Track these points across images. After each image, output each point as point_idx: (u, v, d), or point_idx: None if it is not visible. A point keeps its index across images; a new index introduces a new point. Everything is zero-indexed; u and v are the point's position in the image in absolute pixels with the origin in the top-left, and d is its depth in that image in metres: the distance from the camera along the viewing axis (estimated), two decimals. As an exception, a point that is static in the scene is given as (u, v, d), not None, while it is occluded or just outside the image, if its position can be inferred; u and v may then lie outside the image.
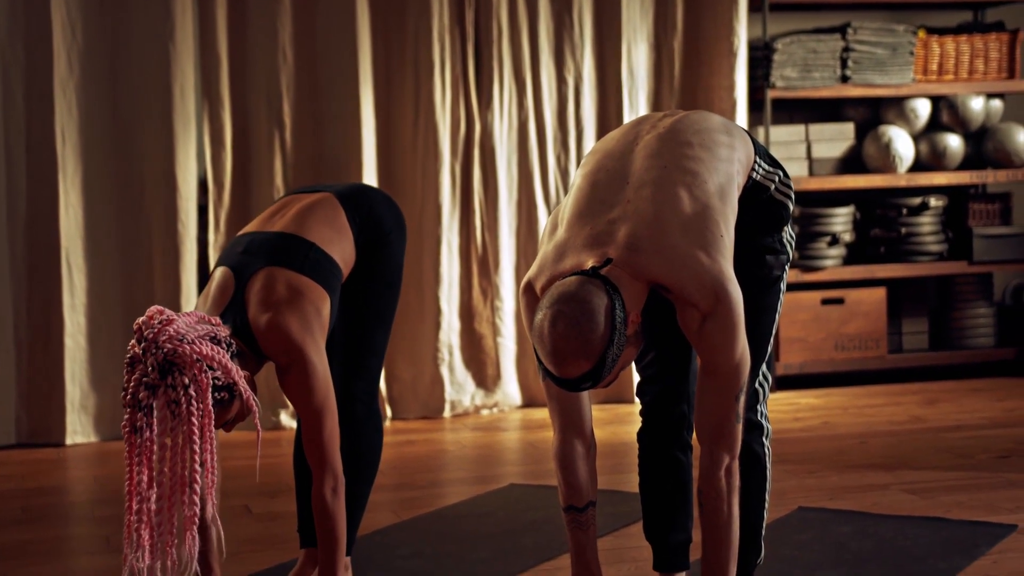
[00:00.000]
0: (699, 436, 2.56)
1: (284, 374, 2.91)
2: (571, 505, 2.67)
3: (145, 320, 2.72)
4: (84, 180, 5.19)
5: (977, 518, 3.70)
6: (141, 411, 2.67)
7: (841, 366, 5.80)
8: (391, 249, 3.20)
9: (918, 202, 5.86)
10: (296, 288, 2.93)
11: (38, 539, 3.85)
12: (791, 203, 2.75)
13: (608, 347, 2.40)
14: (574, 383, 2.43)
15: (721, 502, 2.54)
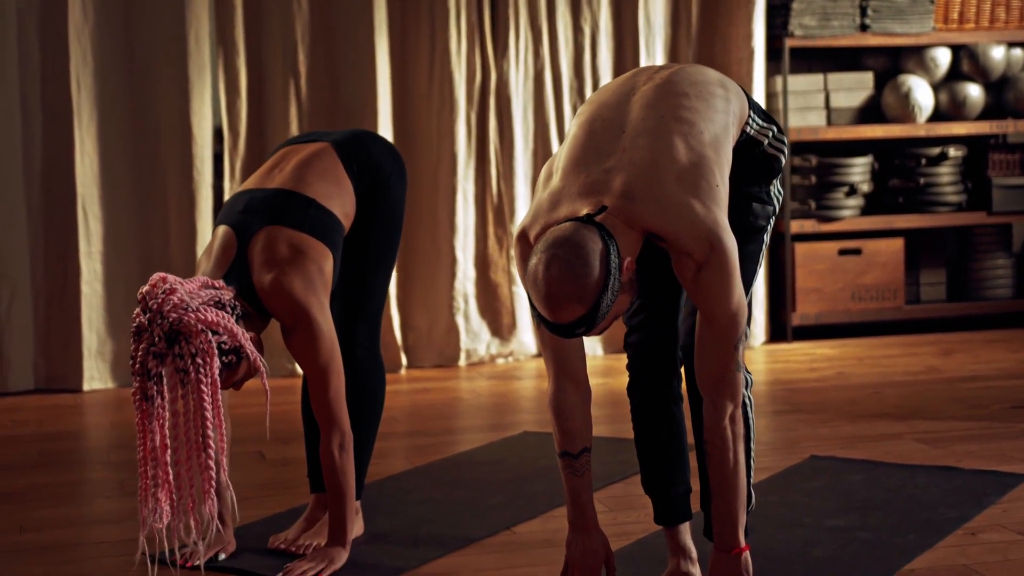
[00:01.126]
0: (701, 387, 2.56)
1: (289, 334, 2.93)
2: (566, 451, 2.69)
3: (149, 289, 2.75)
4: (99, 128, 5.20)
5: (988, 467, 3.70)
6: (151, 380, 2.71)
7: (857, 317, 5.79)
8: (391, 193, 3.20)
9: (937, 152, 5.82)
10: (298, 247, 2.94)
11: (55, 483, 3.88)
12: (783, 157, 2.75)
13: (603, 292, 2.39)
14: (567, 328, 2.41)
15: (727, 451, 2.55)
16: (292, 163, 3.11)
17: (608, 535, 3.07)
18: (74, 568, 3.11)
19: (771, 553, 3.03)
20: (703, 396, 2.56)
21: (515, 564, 3.06)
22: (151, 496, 2.73)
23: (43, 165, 5.19)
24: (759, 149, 2.71)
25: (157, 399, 2.71)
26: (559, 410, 2.67)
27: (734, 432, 2.54)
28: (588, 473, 2.71)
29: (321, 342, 2.92)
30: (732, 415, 2.54)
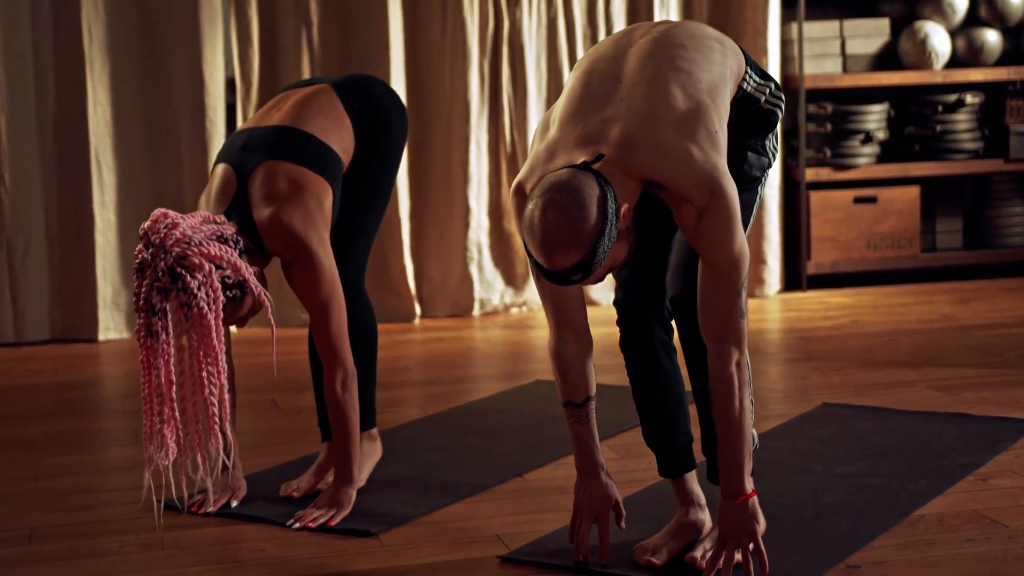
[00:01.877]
0: (705, 335, 2.55)
1: (289, 269, 2.94)
2: (569, 401, 2.69)
3: (151, 225, 2.74)
4: (112, 78, 5.19)
5: (1001, 414, 3.69)
6: (155, 315, 2.71)
7: (873, 265, 5.76)
8: (392, 131, 3.19)
9: (954, 99, 5.77)
10: (297, 181, 2.94)
11: (69, 430, 3.90)
12: (780, 111, 2.74)
13: (600, 238, 2.38)
14: (563, 275, 2.40)
15: (732, 397, 2.54)
16: (290, 102, 3.11)
17: (618, 482, 3.08)
18: (87, 515, 3.14)
19: (781, 500, 3.03)
20: (707, 344, 2.56)
21: (525, 511, 3.07)
22: (156, 433, 2.74)
23: (56, 116, 5.19)
24: (756, 106, 2.70)
25: (162, 335, 2.71)
26: (560, 361, 2.68)
27: (740, 379, 2.54)
28: (592, 421, 2.71)
29: (321, 276, 2.91)
30: (738, 362, 2.54)
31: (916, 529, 2.83)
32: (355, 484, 3.05)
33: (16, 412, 4.17)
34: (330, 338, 2.97)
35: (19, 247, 5.18)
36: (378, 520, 3.00)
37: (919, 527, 2.85)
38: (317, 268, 2.91)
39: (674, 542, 2.74)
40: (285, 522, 3.01)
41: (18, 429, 3.95)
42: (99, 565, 2.81)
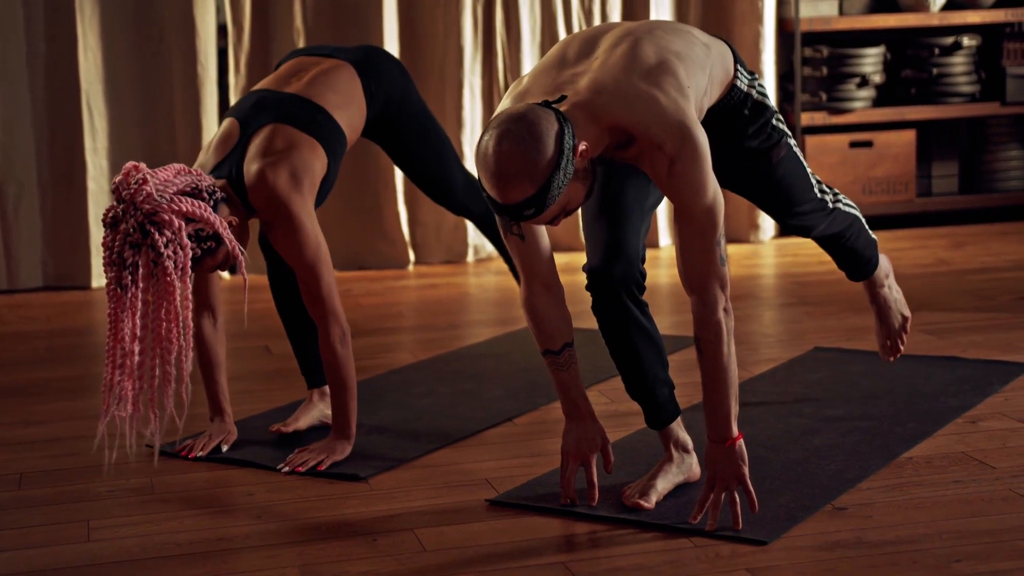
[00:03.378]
0: (688, 285, 2.55)
1: (270, 229, 2.94)
2: (547, 349, 2.70)
3: (121, 179, 2.76)
4: (102, 22, 5.15)
5: (993, 357, 3.69)
6: (126, 269, 2.73)
7: (869, 210, 5.74)
8: (410, 99, 3.28)
9: (951, 42, 5.73)
10: (294, 143, 2.96)
11: (61, 377, 3.91)
12: (770, 102, 2.79)
13: (554, 172, 2.35)
14: (516, 209, 2.37)
15: (720, 344, 2.54)
16: (311, 73, 3.14)
17: (608, 427, 3.09)
18: (77, 460, 3.14)
19: (769, 442, 3.04)
20: (691, 294, 2.55)
21: (515, 455, 3.07)
22: (116, 385, 2.76)
23: (46, 61, 5.15)
24: (751, 100, 2.73)
25: (131, 288, 2.73)
26: (533, 312, 2.68)
27: (727, 325, 2.54)
28: (574, 367, 2.71)
29: (304, 236, 2.92)
30: (725, 307, 2.54)
31: (903, 471, 2.84)
32: (351, 440, 3.06)
33: (8, 359, 4.18)
34: (321, 298, 2.97)
35: (11, 194, 5.16)
36: (367, 464, 3.01)
37: (907, 469, 2.85)
38: (298, 228, 2.91)
39: (662, 484, 2.74)
40: (275, 466, 3.02)
41: (10, 376, 3.96)
42: (89, 509, 2.82)
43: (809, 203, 2.90)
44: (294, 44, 5.28)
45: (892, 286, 3.27)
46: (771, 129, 2.78)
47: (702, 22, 5.63)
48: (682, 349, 3.92)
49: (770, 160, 2.79)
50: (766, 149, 2.78)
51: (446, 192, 3.43)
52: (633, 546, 2.52)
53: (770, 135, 2.78)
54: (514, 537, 2.59)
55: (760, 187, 2.85)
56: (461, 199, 3.46)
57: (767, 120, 2.77)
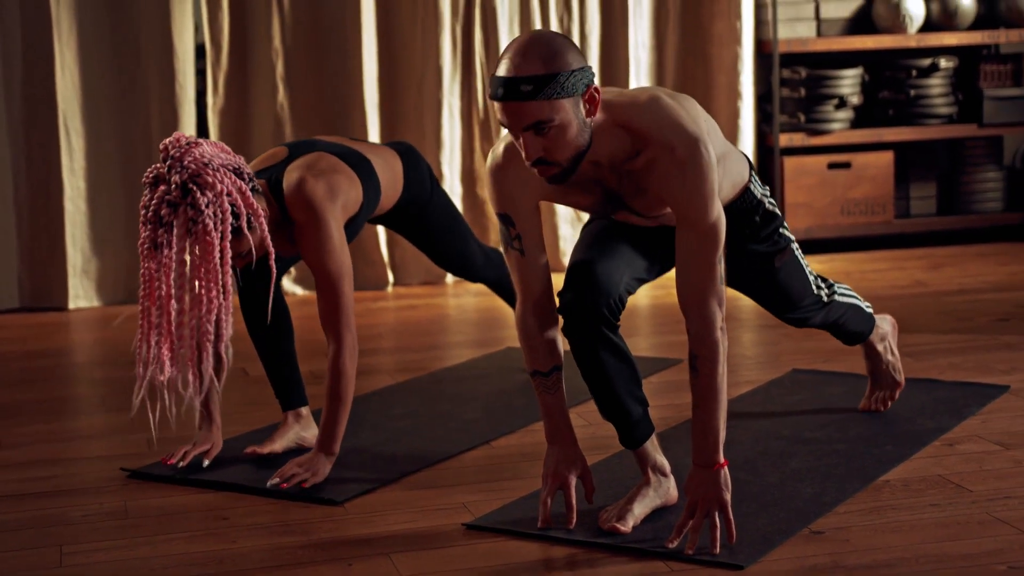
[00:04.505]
0: (687, 302, 2.54)
1: (301, 233, 2.97)
2: (536, 370, 2.69)
3: (172, 140, 2.79)
4: (79, 41, 5.13)
5: (971, 379, 3.69)
6: (162, 227, 2.74)
7: (847, 231, 5.76)
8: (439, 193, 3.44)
9: (928, 63, 5.75)
10: (337, 168, 3.04)
11: (36, 399, 3.88)
12: (779, 212, 2.90)
13: (565, 72, 2.40)
14: (516, 82, 2.38)
15: (716, 363, 2.53)
16: (361, 143, 3.28)
17: (586, 449, 3.08)
18: (51, 483, 3.12)
19: (747, 465, 3.03)
20: (689, 311, 2.54)
21: (492, 478, 3.06)
22: (154, 346, 2.75)
23: (23, 79, 5.13)
24: (763, 208, 2.84)
25: (165, 248, 2.73)
26: (525, 331, 2.69)
27: (723, 343, 2.54)
28: (561, 390, 2.70)
29: (332, 245, 2.95)
30: (722, 326, 2.54)
31: (880, 494, 2.84)
32: (335, 457, 3.05)
33: (-17, 380, 4.15)
34: (339, 310, 2.98)
35: (-13, 214, 5.14)
36: (344, 488, 2.99)
37: (884, 492, 2.85)
38: (328, 237, 2.95)
39: (639, 508, 2.73)
40: (250, 488, 3.00)
41: (-16, 397, 3.93)
42: (62, 534, 2.80)
43: (806, 301, 3.02)
44: (272, 64, 5.27)
45: (890, 348, 3.36)
46: (778, 236, 2.89)
47: (680, 44, 5.65)
48: (662, 371, 3.92)
49: (773, 264, 2.89)
50: (771, 253, 2.88)
51: (467, 269, 3.62)
52: (609, 568, 2.51)
53: (777, 241, 2.89)
54: (491, 561, 2.57)
55: (761, 287, 2.96)
56: (480, 272, 3.66)
57: (776, 228, 2.88)
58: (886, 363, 3.37)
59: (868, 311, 3.25)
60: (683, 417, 3.43)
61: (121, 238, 5.25)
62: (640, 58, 5.59)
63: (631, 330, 4.40)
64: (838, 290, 3.14)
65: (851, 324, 3.21)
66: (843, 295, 3.15)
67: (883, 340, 3.35)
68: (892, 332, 3.39)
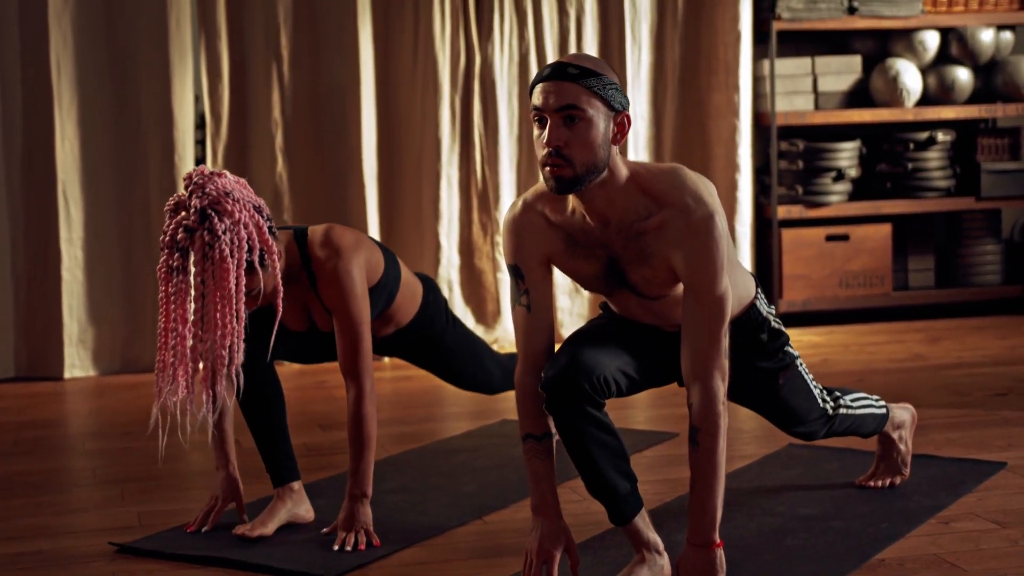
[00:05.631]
0: (691, 373, 2.53)
1: (323, 276, 3.00)
2: (529, 434, 2.67)
3: (196, 169, 2.85)
4: (80, 112, 5.16)
5: (968, 455, 3.67)
6: (179, 251, 2.79)
7: (845, 304, 5.75)
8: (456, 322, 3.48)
9: (925, 136, 5.77)
10: (363, 237, 3.11)
11: (27, 471, 3.85)
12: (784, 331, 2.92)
13: (610, 83, 2.48)
14: (562, 65, 2.47)
15: (717, 438, 2.52)
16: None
17: (578, 524, 3.06)
18: (40, 557, 3.09)
19: (742, 542, 3.00)
20: (692, 384, 2.53)
21: (485, 554, 3.03)
22: (169, 367, 2.79)
23: (23, 149, 5.15)
24: (768, 325, 2.86)
25: (181, 273, 2.78)
26: (523, 391, 2.67)
27: (725, 418, 2.53)
28: (552, 458, 2.68)
29: (356, 292, 2.99)
30: (724, 399, 2.53)
31: (876, 574, 2.80)
32: (369, 498, 3.10)
33: (-25, 451, 4.13)
34: (360, 354, 3.02)
35: (-15, 283, 5.14)
36: (335, 563, 2.96)
37: (879, 571, 2.82)
38: (351, 278, 2.99)
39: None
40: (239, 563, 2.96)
41: (-24, 469, 3.91)
42: (48, 610, 2.76)
43: (812, 416, 3.02)
44: (272, 135, 5.29)
45: (904, 439, 3.35)
46: (783, 353, 2.90)
47: (679, 116, 5.67)
48: (657, 444, 3.90)
49: (777, 379, 2.90)
50: (776, 370, 2.89)
51: (485, 388, 3.65)
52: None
53: (782, 358, 2.90)
54: (480, 641, 2.54)
55: (766, 403, 2.96)
56: (499, 387, 3.66)
57: (782, 345, 2.90)
58: (898, 452, 3.34)
59: (880, 412, 3.22)
60: (678, 492, 3.40)
61: (118, 308, 5.25)
62: (638, 130, 5.61)
63: (626, 403, 4.38)
64: (845, 402, 3.12)
65: (861, 430, 3.21)
66: (849, 407, 3.13)
67: (898, 429, 3.33)
68: (910, 423, 3.35)
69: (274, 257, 2.88)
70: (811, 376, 3.01)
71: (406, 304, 3.30)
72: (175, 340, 2.80)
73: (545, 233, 2.63)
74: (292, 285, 3.07)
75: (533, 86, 2.51)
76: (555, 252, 2.64)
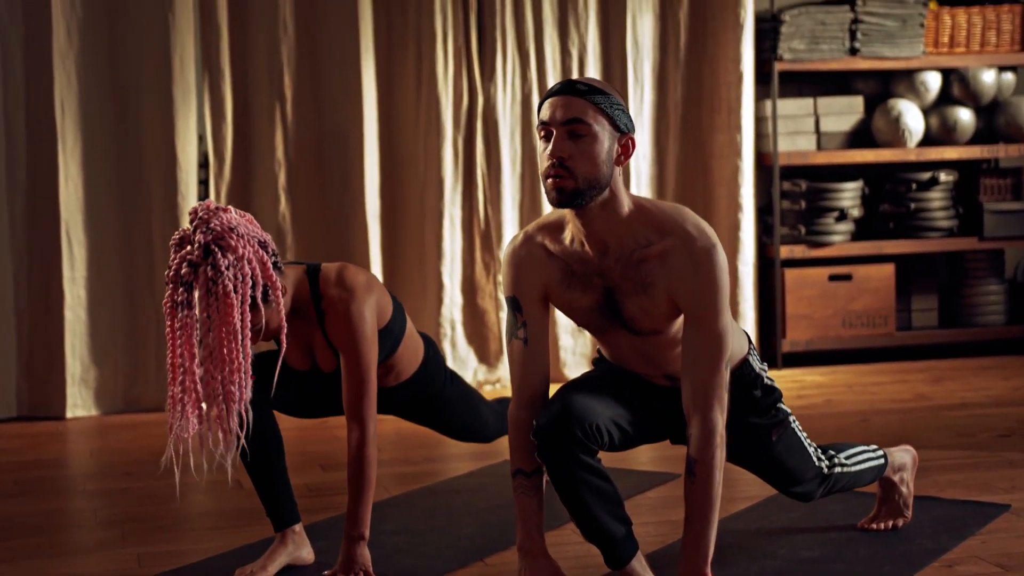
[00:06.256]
0: (691, 404, 2.54)
1: (334, 313, 2.99)
2: (520, 469, 2.67)
3: (202, 204, 2.85)
4: (84, 152, 5.18)
5: (971, 497, 3.65)
6: (183, 287, 2.77)
7: (848, 343, 5.74)
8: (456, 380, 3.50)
9: (928, 177, 5.78)
10: (375, 280, 3.10)
11: (26, 512, 3.84)
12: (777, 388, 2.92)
13: (618, 104, 2.52)
14: (573, 82, 2.51)
15: (714, 470, 2.54)
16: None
17: (577, 567, 3.04)
18: (38, 600, 3.08)
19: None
20: (691, 416, 2.54)
21: (484, 597, 3.01)
22: (179, 403, 2.78)
23: (27, 189, 5.17)
24: (761, 382, 2.85)
25: (186, 308, 2.77)
26: (515, 425, 2.67)
27: (722, 453, 2.53)
28: (540, 495, 2.68)
29: (364, 328, 2.98)
30: (722, 433, 2.53)
31: (879, 618, 2.79)
32: (366, 539, 3.07)
33: (-24, 491, 4.12)
34: (365, 396, 3.00)
35: (-13, 322, 5.14)
36: (333, 607, 2.94)
37: (882, 616, 2.80)
38: (361, 318, 2.98)
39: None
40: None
41: (-24, 509, 3.89)
42: (45, 653, 2.75)
43: (808, 475, 3.00)
44: (275, 176, 5.30)
45: (905, 481, 3.32)
46: (776, 410, 2.88)
47: (681, 156, 5.68)
48: (659, 485, 3.88)
49: (770, 436, 2.88)
50: (768, 426, 2.87)
51: (479, 436, 3.63)
52: None
53: (775, 415, 2.88)
54: None
55: (760, 460, 2.94)
56: (493, 434, 3.65)
57: (775, 401, 2.88)
58: (899, 494, 3.32)
59: (878, 463, 3.20)
60: (680, 534, 3.38)
61: (120, 347, 5.25)
62: (641, 169, 5.62)
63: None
64: (840, 460, 3.09)
65: (859, 484, 3.18)
66: (844, 465, 3.10)
67: (899, 472, 3.30)
68: (911, 466, 3.33)
69: (278, 293, 2.88)
70: (805, 434, 2.99)
71: (409, 356, 3.28)
72: (183, 375, 2.79)
73: (544, 264, 2.64)
74: (298, 321, 3.06)
75: (541, 103, 2.54)
76: (552, 283, 2.65)
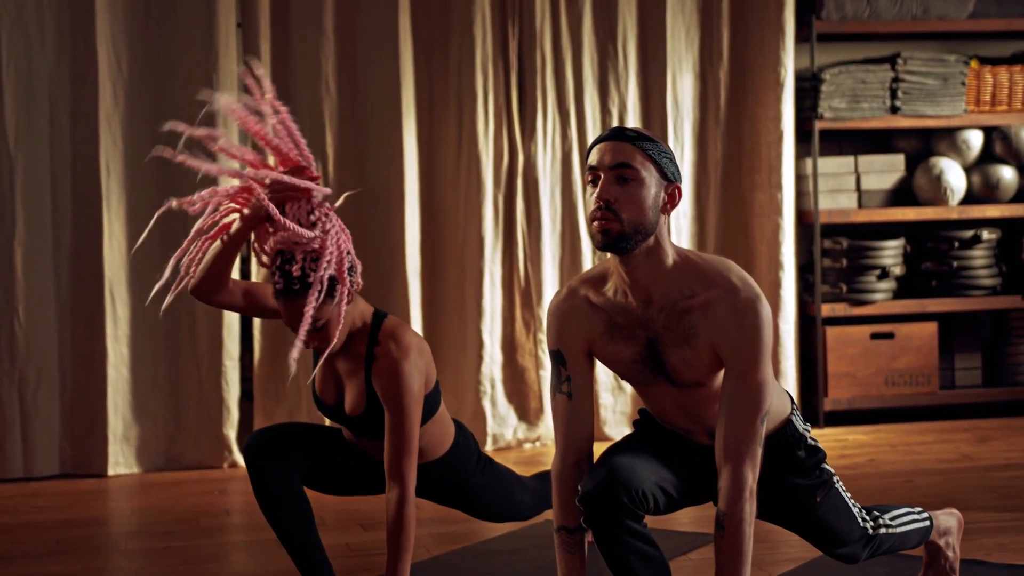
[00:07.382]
0: (723, 455, 2.54)
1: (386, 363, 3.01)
2: (563, 526, 2.65)
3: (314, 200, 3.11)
4: (128, 211, 5.22)
5: (1018, 561, 3.60)
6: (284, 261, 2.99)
7: (891, 402, 5.70)
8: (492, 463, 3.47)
9: (970, 235, 5.75)
10: (428, 349, 3.13)
11: (68, 571, 3.85)
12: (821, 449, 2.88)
13: (667, 153, 2.56)
14: (623, 129, 2.54)
15: (743, 524, 2.52)
16: None
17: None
18: (79, 662, 3.08)
19: (788, 653, 2.95)
20: (723, 468, 2.52)
21: (526, 662, 2.99)
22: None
23: (72, 248, 5.22)
24: (804, 442, 2.82)
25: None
26: (559, 482, 2.66)
27: (752, 508, 2.51)
28: (584, 552, 2.66)
29: (412, 388, 3.00)
30: (752, 488, 2.51)
31: None
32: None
33: (18, 551, 4.12)
34: (406, 454, 2.99)
35: (31, 379, 5.17)
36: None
37: None
38: (410, 378, 3.00)
39: None
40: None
41: (18, 570, 3.90)
42: None
43: (853, 536, 2.95)
44: (317, 233, 5.33)
45: (951, 545, 3.26)
46: (819, 470, 2.85)
47: (722, 214, 5.68)
48: (702, 546, 3.85)
49: (814, 497, 2.84)
50: (812, 487, 2.83)
51: (515, 516, 3.57)
52: None
53: (819, 475, 2.84)
54: None
55: (803, 522, 2.89)
56: (530, 512, 3.58)
57: (819, 462, 2.85)
58: (945, 559, 3.25)
59: (923, 525, 3.14)
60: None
61: (162, 405, 5.27)
62: (681, 227, 5.62)
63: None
64: (884, 520, 3.05)
65: (905, 546, 3.13)
66: (889, 527, 3.05)
67: (945, 536, 3.24)
68: (956, 529, 3.26)
69: (343, 291, 2.95)
70: (849, 495, 2.95)
71: (438, 436, 3.26)
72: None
73: (587, 316, 2.65)
74: (346, 353, 3.08)
75: (590, 149, 2.57)
76: (595, 335, 2.65)
